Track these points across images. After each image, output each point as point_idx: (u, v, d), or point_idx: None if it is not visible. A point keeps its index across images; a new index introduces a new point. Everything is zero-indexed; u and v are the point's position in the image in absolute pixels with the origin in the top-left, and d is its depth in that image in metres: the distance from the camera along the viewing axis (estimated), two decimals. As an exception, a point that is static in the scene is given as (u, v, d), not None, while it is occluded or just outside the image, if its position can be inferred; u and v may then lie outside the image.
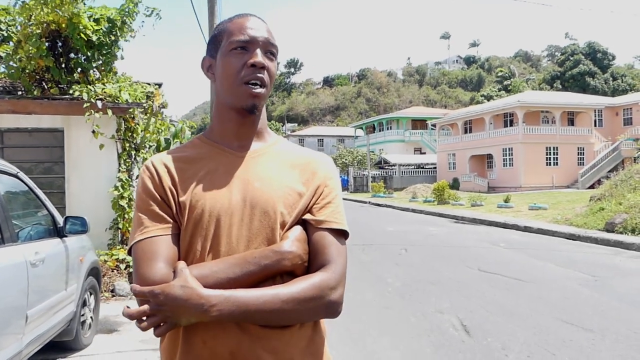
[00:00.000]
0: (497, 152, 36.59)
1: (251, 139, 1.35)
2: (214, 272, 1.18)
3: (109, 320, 5.78)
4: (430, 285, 7.42)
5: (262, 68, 1.28)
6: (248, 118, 1.33)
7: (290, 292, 1.18)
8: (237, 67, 1.27)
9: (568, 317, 5.68)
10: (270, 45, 1.30)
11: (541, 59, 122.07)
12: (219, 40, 1.33)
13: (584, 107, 37.23)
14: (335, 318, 1.26)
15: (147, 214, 1.26)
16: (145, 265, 1.20)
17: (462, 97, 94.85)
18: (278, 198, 1.27)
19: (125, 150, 8.12)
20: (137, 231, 1.25)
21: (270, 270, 1.21)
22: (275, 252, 1.22)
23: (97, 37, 7.79)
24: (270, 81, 1.31)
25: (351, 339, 5.09)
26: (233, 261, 1.20)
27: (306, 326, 1.27)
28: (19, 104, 7.47)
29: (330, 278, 1.23)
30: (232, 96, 1.29)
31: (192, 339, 1.21)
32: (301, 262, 1.25)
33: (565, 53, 75.31)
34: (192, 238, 1.24)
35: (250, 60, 1.27)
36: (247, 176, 1.29)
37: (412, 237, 13.33)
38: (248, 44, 1.28)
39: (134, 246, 1.24)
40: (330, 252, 1.26)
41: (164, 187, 1.28)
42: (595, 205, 15.04)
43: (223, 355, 1.19)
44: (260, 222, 1.25)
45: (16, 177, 3.93)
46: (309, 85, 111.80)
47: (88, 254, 5.00)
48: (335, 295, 1.24)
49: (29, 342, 3.40)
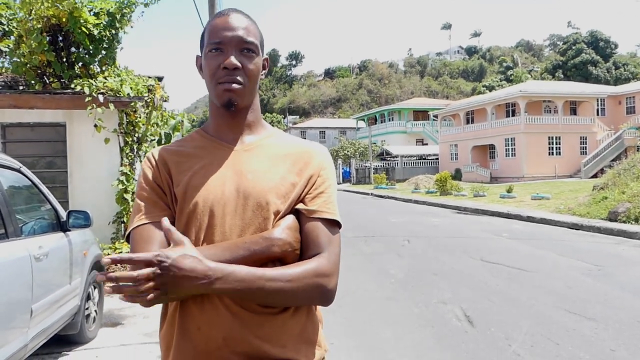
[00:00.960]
0: (499, 143, 36.51)
1: (243, 133, 1.38)
2: (205, 255, 1.18)
3: (113, 314, 5.81)
4: (433, 276, 7.43)
5: (236, 69, 1.30)
6: (233, 113, 1.36)
7: (288, 273, 1.20)
8: (212, 68, 1.31)
9: (571, 306, 5.69)
10: (245, 43, 1.32)
11: (543, 49, 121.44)
12: (203, 40, 1.37)
13: (587, 96, 37.11)
14: (327, 306, 1.28)
15: (146, 201, 1.31)
16: (141, 248, 1.23)
17: (464, 88, 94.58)
18: (270, 189, 1.29)
19: (128, 144, 8.13)
20: (136, 218, 1.29)
21: (260, 256, 1.23)
22: (265, 239, 1.24)
23: (98, 31, 7.78)
24: (250, 78, 1.33)
25: (354, 329, 5.11)
26: (225, 245, 1.23)
27: (299, 313, 1.29)
28: (21, 99, 7.47)
29: (324, 264, 1.25)
30: (212, 94, 1.35)
31: (187, 324, 1.24)
32: (291, 249, 1.26)
33: (567, 42, 74.87)
34: (186, 229, 1.27)
35: (223, 63, 1.30)
36: (240, 168, 1.32)
37: (415, 228, 13.34)
38: (221, 45, 1.31)
39: (132, 232, 1.28)
40: (322, 241, 1.28)
41: (161, 177, 1.33)
42: (598, 194, 15.02)
43: (216, 340, 1.22)
44: (253, 212, 1.28)
45: (19, 171, 3.94)
46: (310, 77, 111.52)
47: (91, 247, 5.01)
48: (330, 283, 1.25)
49: (34, 336, 3.42)
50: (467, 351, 4.44)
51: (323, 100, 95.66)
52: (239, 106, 1.34)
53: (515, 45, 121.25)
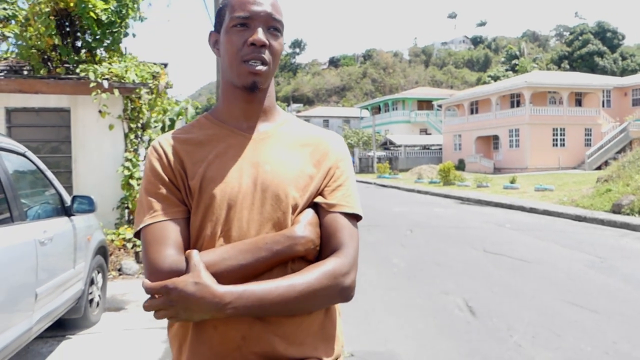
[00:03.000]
0: (503, 133, 36.37)
1: (259, 119, 1.31)
2: (224, 259, 1.15)
3: (116, 299, 5.84)
4: (435, 266, 7.44)
5: (263, 46, 1.22)
6: (253, 96, 1.28)
7: (305, 282, 1.16)
8: (237, 44, 1.22)
9: (573, 298, 5.69)
10: (273, 20, 1.24)
11: (549, 39, 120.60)
12: (223, 14, 1.27)
13: (592, 87, 36.86)
14: (348, 302, 1.25)
15: (157, 197, 1.23)
16: (155, 251, 1.17)
17: (469, 78, 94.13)
18: (289, 181, 1.24)
19: (132, 130, 8.13)
20: (147, 214, 1.22)
21: (282, 256, 1.19)
22: (288, 237, 1.19)
23: (107, 17, 7.73)
24: (274, 59, 1.25)
25: (356, 319, 5.12)
26: (244, 247, 1.18)
27: (318, 311, 1.26)
28: (26, 83, 7.46)
29: (343, 264, 1.21)
30: (234, 74, 1.25)
31: (203, 324, 1.19)
32: (314, 246, 1.22)
33: (574, 32, 74.23)
34: (203, 223, 1.21)
35: (250, 38, 1.21)
36: (257, 159, 1.26)
37: (418, 218, 13.34)
38: (248, 20, 1.22)
39: (143, 230, 1.21)
40: (343, 236, 1.24)
41: (172, 170, 1.25)
42: (602, 186, 14.98)
43: (235, 339, 1.17)
44: (272, 206, 1.22)
45: (24, 156, 3.94)
46: (314, 65, 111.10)
47: (95, 233, 5.03)
48: (348, 280, 1.22)
49: (38, 319, 3.44)
50: (468, 341, 4.46)
51: (327, 89, 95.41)
52: (262, 89, 1.27)
53: (521, 36, 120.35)
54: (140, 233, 1.22)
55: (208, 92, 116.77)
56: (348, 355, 4.15)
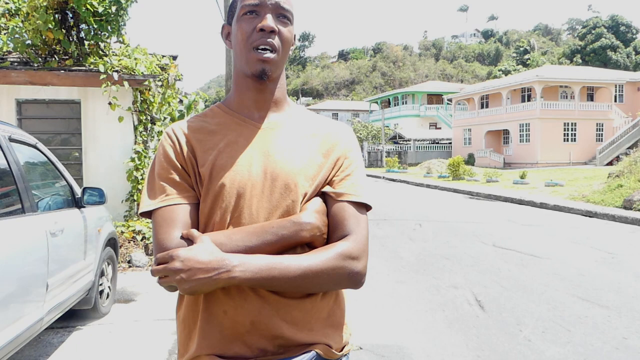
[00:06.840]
0: (513, 128, 36.14)
1: (270, 109, 1.34)
2: (231, 240, 1.17)
3: (126, 291, 5.88)
4: (444, 260, 7.41)
5: (272, 32, 1.25)
6: (264, 86, 1.31)
7: (313, 259, 1.18)
8: (247, 31, 1.25)
9: (584, 293, 5.66)
10: (282, 8, 1.27)
11: (561, 33, 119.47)
12: (235, 6, 1.31)
13: (604, 82, 36.48)
14: (358, 289, 1.25)
15: (169, 182, 1.26)
16: (164, 231, 1.20)
17: (479, 72, 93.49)
18: (299, 170, 1.26)
19: (141, 123, 8.15)
20: (158, 198, 1.25)
21: (288, 241, 1.20)
22: (294, 223, 1.21)
23: (103, 8, 7.70)
24: (284, 46, 1.28)
25: (364, 312, 5.12)
26: (251, 230, 1.20)
27: (327, 297, 1.27)
28: (36, 75, 7.49)
29: (351, 247, 1.22)
30: (244, 62, 1.28)
31: (213, 308, 1.21)
32: (320, 233, 1.23)
33: (586, 26, 73.40)
34: (212, 210, 1.24)
35: (259, 24, 1.24)
36: (267, 148, 1.28)
37: (427, 212, 13.30)
38: (258, 7, 1.25)
39: (155, 212, 1.24)
40: (350, 223, 1.24)
41: (184, 156, 1.28)
42: (614, 182, 14.84)
43: (244, 324, 1.19)
44: (281, 194, 1.24)
45: (35, 147, 3.96)
46: (324, 58, 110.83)
47: (105, 224, 5.06)
48: (359, 265, 1.22)
49: (49, 310, 3.47)
50: (478, 335, 4.44)
51: (336, 82, 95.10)
52: (271, 77, 1.29)
53: (533, 29, 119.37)
54: (152, 216, 1.25)
55: (217, 85, 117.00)
56: (357, 348, 4.16)
